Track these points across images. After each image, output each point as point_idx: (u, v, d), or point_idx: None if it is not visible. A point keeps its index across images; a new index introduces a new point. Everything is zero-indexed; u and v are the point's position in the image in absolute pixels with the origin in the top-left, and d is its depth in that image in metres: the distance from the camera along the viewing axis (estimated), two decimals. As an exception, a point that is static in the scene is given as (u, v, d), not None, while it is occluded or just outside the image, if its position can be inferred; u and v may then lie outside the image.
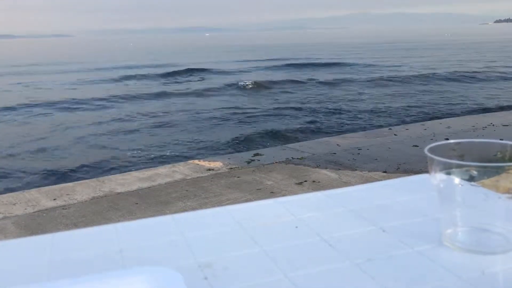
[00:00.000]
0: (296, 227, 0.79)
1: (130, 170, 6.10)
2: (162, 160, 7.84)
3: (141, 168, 6.20)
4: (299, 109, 12.89)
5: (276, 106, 13.58)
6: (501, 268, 0.64)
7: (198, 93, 17.25)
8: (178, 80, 22.40)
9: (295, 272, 0.65)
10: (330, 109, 12.81)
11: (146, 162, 7.84)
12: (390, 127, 8.13)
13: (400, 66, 25.53)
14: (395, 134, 7.11)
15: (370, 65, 26.60)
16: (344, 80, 19.45)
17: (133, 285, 0.56)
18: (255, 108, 13.40)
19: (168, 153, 8.63)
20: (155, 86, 20.06)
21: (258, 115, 12.20)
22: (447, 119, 9.07)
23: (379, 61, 29.19)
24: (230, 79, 20.83)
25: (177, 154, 8.46)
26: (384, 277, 0.62)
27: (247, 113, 12.61)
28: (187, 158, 7.26)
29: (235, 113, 12.53)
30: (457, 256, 0.67)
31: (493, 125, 7.46)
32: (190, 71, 25.33)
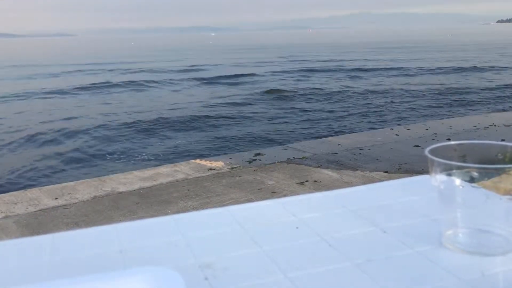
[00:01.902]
0: (297, 227, 0.79)
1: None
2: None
3: (142, 168, 6.20)
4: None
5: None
6: (501, 269, 0.64)
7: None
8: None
9: (295, 273, 0.65)
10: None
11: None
12: (392, 127, 8.12)
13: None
14: (396, 134, 7.11)
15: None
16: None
17: (132, 285, 0.56)
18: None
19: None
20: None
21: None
22: (449, 119, 9.06)
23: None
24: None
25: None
26: (384, 278, 0.62)
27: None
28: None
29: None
30: (457, 257, 0.67)
31: (495, 125, 7.45)
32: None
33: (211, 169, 5.53)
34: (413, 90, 16.08)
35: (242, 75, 23.27)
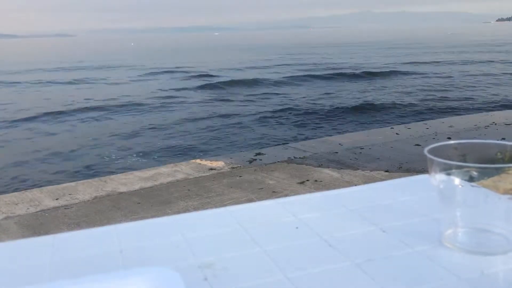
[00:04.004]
0: (297, 227, 0.79)
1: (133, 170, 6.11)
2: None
3: (143, 168, 6.20)
4: None
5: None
6: (501, 268, 0.64)
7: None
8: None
9: (295, 273, 0.65)
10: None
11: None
12: (392, 127, 8.12)
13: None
14: (397, 133, 7.10)
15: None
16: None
17: (133, 286, 0.56)
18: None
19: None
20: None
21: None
22: (450, 118, 9.05)
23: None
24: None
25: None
26: (384, 277, 0.62)
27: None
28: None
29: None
30: (457, 256, 0.67)
31: (495, 124, 7.44)
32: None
33: (211, 169, 5.53)
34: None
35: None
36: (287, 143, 7.22)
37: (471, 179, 0.65)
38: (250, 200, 4.28)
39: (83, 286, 0.57)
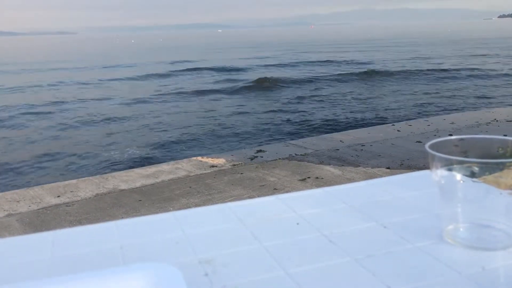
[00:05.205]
0: (297, 223, 0.79)
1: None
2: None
3: (144, 165, 6.21)
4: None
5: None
6: (502, 264, 0.64)
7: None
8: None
9: (296, 269, 0.65)
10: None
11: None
12: (393, 123, 8.11)
13: None
14: (398, 130, 7.10)
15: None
16: None
17: (133, 282, 0.56)
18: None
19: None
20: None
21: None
22: (451, 114, 9.04)
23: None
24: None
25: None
26: (385, 273, 0.62)
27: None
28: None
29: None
30: (458, 252, 0.67)
31: (497, 120, 7.43)
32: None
33: (212, 166, 5.53)
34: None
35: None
36: (288, 140, 7.21)
37: (472, 174, 0.64)
38: (251, 198, 4.28)
39: (83, 281, 0.57)
